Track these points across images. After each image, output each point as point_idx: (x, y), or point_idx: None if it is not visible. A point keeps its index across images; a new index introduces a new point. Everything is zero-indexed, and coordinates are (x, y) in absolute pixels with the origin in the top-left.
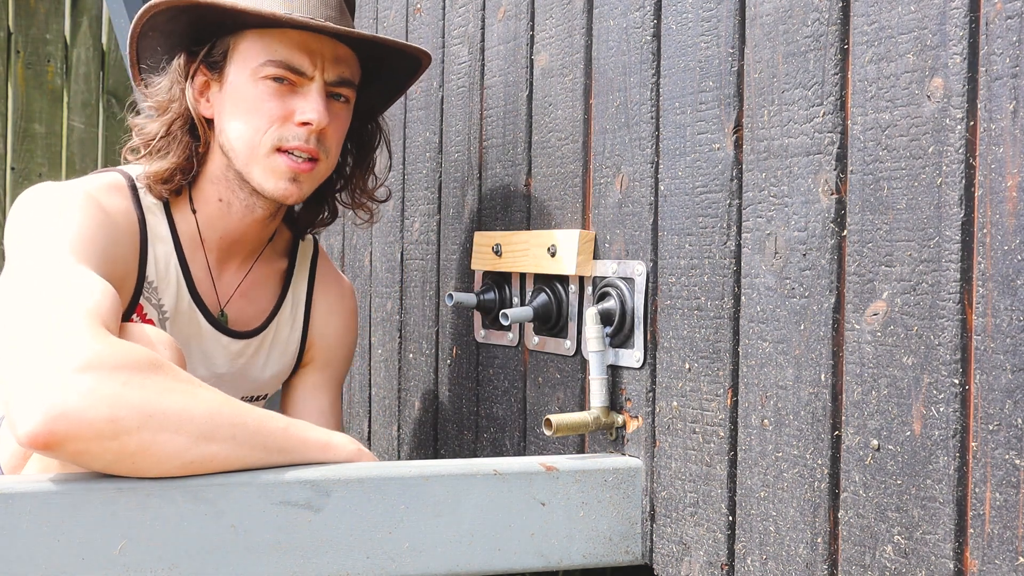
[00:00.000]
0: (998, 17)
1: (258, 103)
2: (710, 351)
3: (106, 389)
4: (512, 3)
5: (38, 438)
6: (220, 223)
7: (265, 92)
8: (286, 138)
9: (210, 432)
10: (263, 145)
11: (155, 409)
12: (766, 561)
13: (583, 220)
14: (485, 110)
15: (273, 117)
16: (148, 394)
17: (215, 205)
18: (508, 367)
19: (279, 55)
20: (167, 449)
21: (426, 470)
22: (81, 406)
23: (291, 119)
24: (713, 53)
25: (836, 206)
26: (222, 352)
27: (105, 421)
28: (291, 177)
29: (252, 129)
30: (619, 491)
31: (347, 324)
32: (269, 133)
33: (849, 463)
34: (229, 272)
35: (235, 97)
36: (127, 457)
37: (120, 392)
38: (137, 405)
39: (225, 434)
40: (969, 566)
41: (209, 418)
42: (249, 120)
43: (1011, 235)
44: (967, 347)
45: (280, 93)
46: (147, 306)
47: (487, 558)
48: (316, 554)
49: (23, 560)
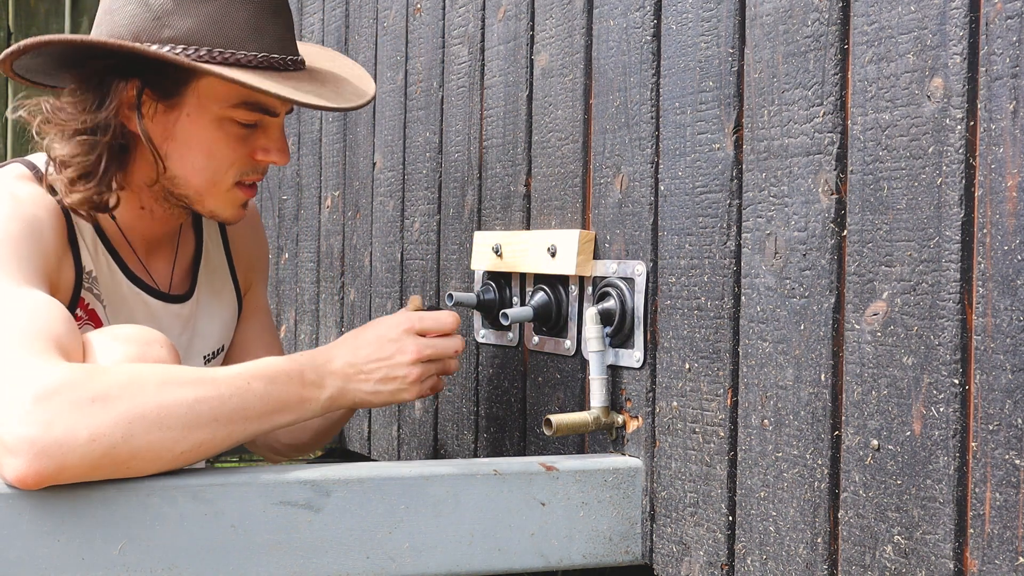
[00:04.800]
0: (998, 17)
1: (222, 144)
2: (710, 351)
3: (75, 413)
4: (512, 3)
5: (28, 480)
6: (141, 225)
7: (231, 133)
8: (247, 172)
9: (193, 421)
10: (225, 182)
11: (133, 415)
12: (766, 561)
13: (583, 220)
14: (485, 110)
15: (235, 158)
16: (121, 404)
17: (135, 212)
18: (508, 367)
19: (254, 98)
20: (157, 448)
21: (426, 470)
22: (55, 438)
23: (252, 156)
24: (713, 53)
25: (836, 206)
26: (175, 321)
27: (87, 443)
28: (244, 203)
29: (214, 168)
30: (619, 491)
31: (257, 230)
32: (231, 171)
33: (849, 463)
34: (158, 261)
35: (193, 132)
36: (122, 465)
37: (91, 411)
38: (114, 418)
39: (207, 418)
40: (969, 566)
41: (188, 407)
42: (212, 158)
43: (1011, 235)
44: (967, 347)
45: (243, 134)
46: (88, 297)
47: (487, 558)
48: (316, 554)
49: (23, 560)
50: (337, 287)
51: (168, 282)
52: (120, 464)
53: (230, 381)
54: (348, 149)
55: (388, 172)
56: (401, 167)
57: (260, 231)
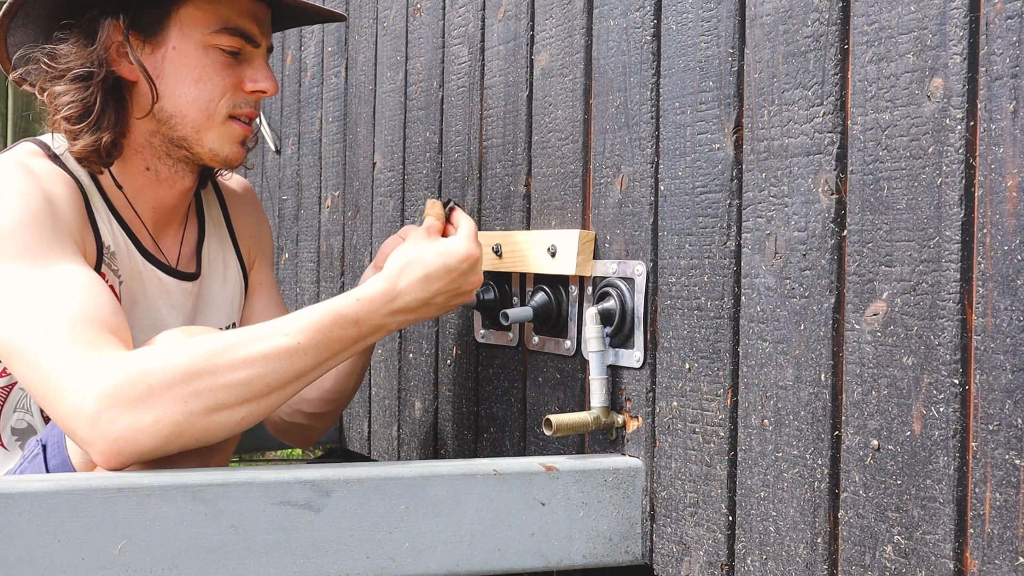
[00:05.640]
0: (998, 17)
1: (210, 71)
2: (710, 351)
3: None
4: (512, 3)
5: (110, 467)
6: (150, 193)
7: (218, 60)
8: (238, 105)
9: (248, 396)
10: (219, 112)
11: (191, 404)
12: (766, 561)
13: (583, 220)
14: (485, 110)
15: (226, 86)
16: (177, 393)
17: (142, 176)
18: (508, 367)
19: (233, 23)
20: (218, 425)
21: (426, 470)
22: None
23: (241, 86)
24: (713, 53)
25: (836, 206)
26: (187, 298)
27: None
28: (241, 141)
29: (207, 97)
30: (619, 491)
31: (257, 208)
32: (223, 101)
33: (849, 463)
34: (166, 239)
35: (181, 64)
36: (191, 440)
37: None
38: (173, 409)
39: (260, 392)
40: (969, 566)
41: (243, 386)
42: (202, 87)
43: (1011, 235)
44: (967, 347)
45: (229, 63)
46: (107, 272)
47: (487, 558)
48: (316, 554)
49: (23, 560)
50: (337, 287)
51: (176, 261)
52: (189, 441)
53: (281, 350)
54: (348, 149)
55: (388, 172)
56: (401, 167)
57: (260, 210)
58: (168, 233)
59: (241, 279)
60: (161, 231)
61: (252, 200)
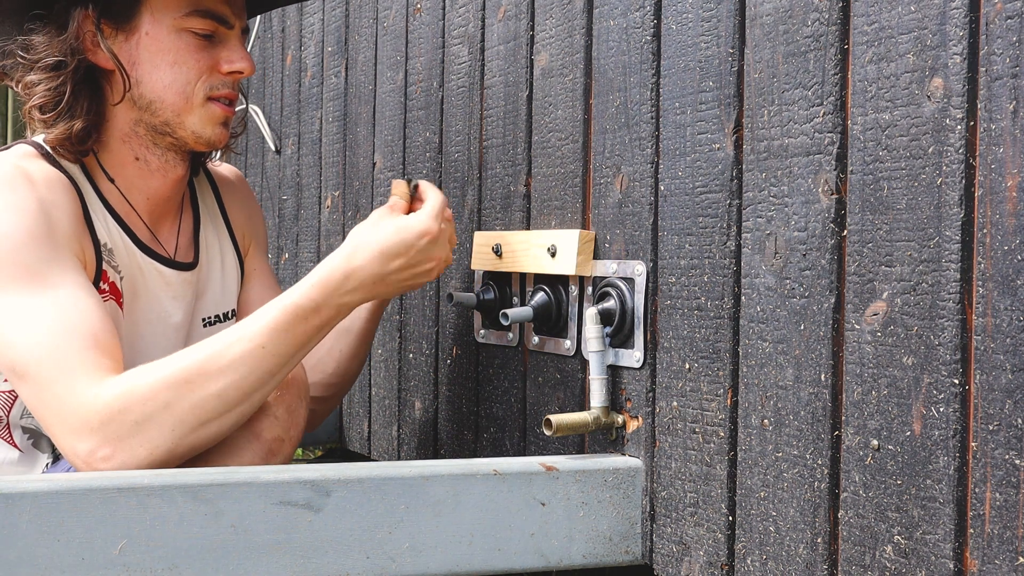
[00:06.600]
0: (998, 17)
1: (185, 54)
2: (710, 351)
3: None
4: (512, 3)
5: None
6: (143, 184)
7: (191, 43)
8: (216, 87)
9: (226, 406)
10: (197, 95)
11: (176, 425)
12: (766, 561)
13: (583, 220)
14: (485, 110)
15: (201, 68)
16: (162, 419)
17: (132, 167)
18: (508, 367)
19: (204, 5)
20: (208, 436)
21: (426, 470)
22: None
23: (217, 68)
24: (713, 53)
25: (836, 206)
26: (188, 289)
27: (148, 457)
28: (223, 122)
29: (183, 80)
30: (619, 491)
31: (249, 195)
32: (200, 84)
33: (849, 463)
34: (163, 231)
35: (155, 49)
36: (188, 452)
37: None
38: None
39: (237, 399)
40: (969, 566)
41: (217, 398)
42: (178, 71)
43: (1011, 235)
44: (967, 347)
45: (203, 45)
46: (109, 270)
47: (487, 558)
48: (316, 554)
49: (23, 560)
50: None
51: (174, 251)
52: (184, 455)
53: (245, 356)
54: (348, 149)
55: (388, 172)
56: (401, 167)
57: (252, 197)
58: (165, 223)
59: (237, 265)
60: (158, 222)
61: (243, 187)
